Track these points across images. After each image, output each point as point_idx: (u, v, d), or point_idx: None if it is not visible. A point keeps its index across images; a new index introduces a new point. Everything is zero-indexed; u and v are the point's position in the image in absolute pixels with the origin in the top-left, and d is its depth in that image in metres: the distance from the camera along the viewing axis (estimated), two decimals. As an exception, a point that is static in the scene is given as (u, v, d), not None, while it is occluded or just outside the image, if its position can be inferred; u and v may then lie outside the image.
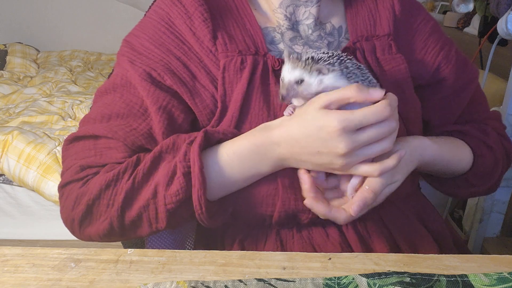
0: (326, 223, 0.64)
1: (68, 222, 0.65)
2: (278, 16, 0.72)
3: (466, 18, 2.62)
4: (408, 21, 0.75)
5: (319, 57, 0.57)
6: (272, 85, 0.64)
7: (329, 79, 0.57)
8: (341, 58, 0.59)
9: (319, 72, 0.57)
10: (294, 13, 0.71)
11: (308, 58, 0.57)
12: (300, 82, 0.57)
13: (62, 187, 0.66)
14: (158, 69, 0.64)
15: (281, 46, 0.70)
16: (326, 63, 0.57)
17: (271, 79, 0.64)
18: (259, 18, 0.70)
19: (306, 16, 0.71)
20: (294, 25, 0.72)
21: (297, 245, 0.65)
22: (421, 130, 0.72)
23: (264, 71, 0.65)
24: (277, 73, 0.65)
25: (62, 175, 0.67)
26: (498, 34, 1.31)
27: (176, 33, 0.67)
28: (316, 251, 0.64)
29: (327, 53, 0.59)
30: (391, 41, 0.70)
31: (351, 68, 0.59)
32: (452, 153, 0.73)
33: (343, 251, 0.63)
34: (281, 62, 0.64)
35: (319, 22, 0.73)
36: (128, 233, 0.63)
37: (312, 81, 0.57)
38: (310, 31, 0.72)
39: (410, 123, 0.69)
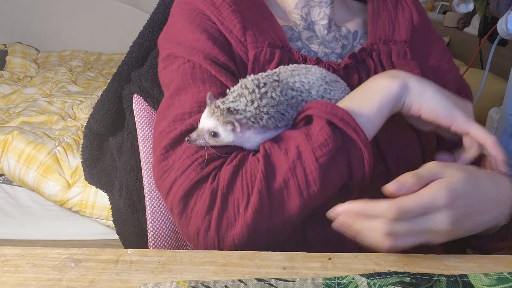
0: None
1: (201, 232, 0.54)
2: (294, 17, 0.74)
3: (466, 18, 2.62)
4: (424, 32, 0.77)
5: (236, 108, 0.55)
6: None
7: (243, 136, 0.56)
8: (267, 94, 0.55)
9: (232, 126, 0.55)
10: (309, 13, 0.74)
11: (224, 109, 0.55)
12: (213, 134, 0.55)
13: (186, 194, 0.55)
14: (216, 55, 0.65)
15: (299, 43, 0.72)
16: (241, 115, 0.55)
17: None
18: (276, 17, 0.72)
19: (321, 16, 0.74)
20: (309, 25, 0.74)
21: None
22: (435, 141, 0.71)
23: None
24: None
25: (173, 184, 0.56)
26: (498, 34, 1.31)
27: (210, 20, 0.68)
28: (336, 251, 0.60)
29: (250, 89, 0.55)
30: (406, 48, 0.72)
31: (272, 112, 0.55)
32: None
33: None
34: (304, 58, 0.67)
35: (334, 24, 0.75)
36: (277, 211, 0.53)
37: (225, 136, 0.56)
38: (325, 32, 0.74)
39: (422, 134, 0.68)
